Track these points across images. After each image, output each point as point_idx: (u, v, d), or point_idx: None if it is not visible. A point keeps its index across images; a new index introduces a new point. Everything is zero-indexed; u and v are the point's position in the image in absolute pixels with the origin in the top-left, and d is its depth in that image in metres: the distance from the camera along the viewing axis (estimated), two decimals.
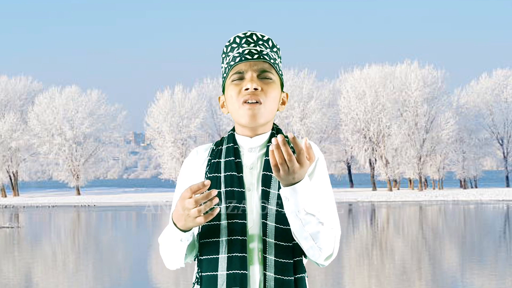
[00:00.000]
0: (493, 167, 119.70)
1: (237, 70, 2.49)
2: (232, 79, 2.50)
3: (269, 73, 2.49)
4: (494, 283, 12.63)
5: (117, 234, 26.64)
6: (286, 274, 2.39)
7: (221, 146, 2.53)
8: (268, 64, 2.50)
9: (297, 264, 2.42)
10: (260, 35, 2.54)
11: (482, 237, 22.19)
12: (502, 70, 73.41)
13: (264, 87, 2.47)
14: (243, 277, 2.37)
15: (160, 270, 15.06)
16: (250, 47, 2.50)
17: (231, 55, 2.52)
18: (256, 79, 2.47)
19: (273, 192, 2.43)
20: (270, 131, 2.53)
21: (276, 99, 2.50)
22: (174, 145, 70.48)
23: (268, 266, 2.38)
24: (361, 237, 22.84)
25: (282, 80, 2.56)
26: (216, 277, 2.39)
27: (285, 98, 2.57)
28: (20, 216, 39.00)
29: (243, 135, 2.52)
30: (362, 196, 55.45)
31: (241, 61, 2.49)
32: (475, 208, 39.41)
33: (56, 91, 73.91)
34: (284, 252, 2.39)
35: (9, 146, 72.10)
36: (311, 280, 13.10)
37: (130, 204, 51.95)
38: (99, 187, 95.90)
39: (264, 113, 2.47)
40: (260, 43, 2.52)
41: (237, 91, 2.48)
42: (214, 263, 2.41)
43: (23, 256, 18.63)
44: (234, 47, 2.52)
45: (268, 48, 2.53)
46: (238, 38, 2.53)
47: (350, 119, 68.26)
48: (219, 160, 2.49)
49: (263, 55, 2.50)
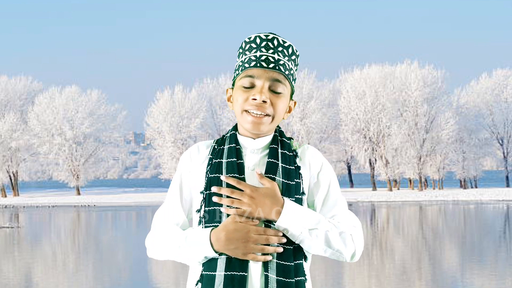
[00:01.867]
0: (493, 167, 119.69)
1: (250, 74, 2.45)
2: (243, 83, 2.46)
3: (281, 84, 2.46)
4: (494, 283, 12.63)
5: (117, 234, 26.63)
6: (288, 276, 2.39)
7: (223, 145, 2.51)
8: (282, 75, 2.46)
9: (297, 267, 2.42)
10: (281, 40, 2.48)
11: (482, 237, 22.18)
12: (502, 70, 73.40)
13: (273, 99, 2.45)
14: (242, 279, 2.37)
15: (160, 270, 15.06)
16: (268, 54, 2.45)
17: (248, 55, 2.48)
18: (267, 90, 2.44)
19: None
20: (273, 133, 2.52)
21: (283, 110, 2.49)
22: (174, 145, 70.48)
23: (269, 268, 2.38)
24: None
25: (293, 90, 2.53)
26: (214, 277, 2.39)
27: (292, 106, 2.56)
28: (20, 216, 38.99)
29: (245, 136, 2.50)
30: (362, 196, 55.44)
31: (255, 67, 2.45)
32: (475, 208, 39.40)
33: (56, 91, 73.90)
34: (285, 255, 2.40)
35: (9, 146, 72.09)
36: (311, 280, 13.10)
37: (130, 204, 51.94)
38: (99, 187, 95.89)
39: (269, 124, 2.46)
40: (280, 49, 2.47)
41: (244, 98, 2.45)
42: (214, 263, 2.40)
43: (23, 256, 18.62)
44: (253, 48, 2.47)
45: (286, 56, 2.48)
46: (259, 39, 2.48)
47: (350, 119, 68.25)
48: (220, 160, 2.47)
49: (279, 65, 2.45)
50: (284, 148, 2.48)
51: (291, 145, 2.52)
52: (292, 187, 2.43)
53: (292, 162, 2.46)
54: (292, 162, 2.46)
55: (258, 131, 2.45)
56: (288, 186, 2.42)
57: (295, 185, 2.43)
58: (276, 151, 2.47)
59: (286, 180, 2.42)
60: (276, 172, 2.43)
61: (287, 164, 2.45)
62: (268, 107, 2.43)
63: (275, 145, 2.48)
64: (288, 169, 2.44)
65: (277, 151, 2.47)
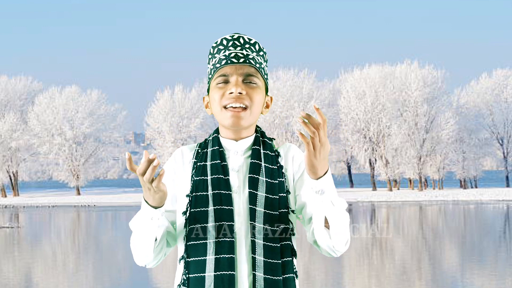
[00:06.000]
0: (493, 167, 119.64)
1: (222, 73, 2.51)
2: (217, 82, 2.52)
3: (254, 77, 2.51)
4: (494, 283, 12.63)
5: (117, 234, 26.63)
6: (275, 274, 2.41)
7: (206, 149, 2.55)
8: (254, 68, 2.51)
9: (285, 265, 2.44)
10: (247, 38, 2.55)
11: (482, 237, 22.18)
12: (502, 70, 73.38)
13: (249, 91, 2.49)
14: (231, 278, 2.39)
15: (160, 270, 15.06)
16: (237, 51, 2.52)
17: (217, 57, 2.54)
18: (241, 83, 2.49)
19: (260, 194, 2.45)
20: (254, 135, 2.56)
21: (260, 103, 2.53)
22: (174, 145, 70.47)
23: (257, 266, 2.40)
24: (361, 237, 22.83)
25: (267, 84, 2.57)
26: (204, 278, 2.40)
27: (269, 102, 2.60)
28: (20, 216, 38.99)
29: (228, 138, 2.54)
30: (362, 196, 55.43)
31: (226, 64, 2.51)
32: (475, 208, 39.40)
33: (56, 91, 73.88)
34: (272, 253, 2.42)
35: (9, 146, 72.08)
36: (311, 280, 13.10)
37: (130, 204, 51.93)
38: (99, 187, 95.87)
39: (248, 117, 2.49)
40: (247, 46, 2.53)
41: (220, 94, 2.50)
42: (201, 264, 2.42)
43: (23, 256, 18.63)
44: (221, 49, 2.54)
45: (254, 52, 2.54)
46: (225, 40, 2.54)
47: (350, 119, 68.25)
48: (205, 163, 2.51)
49: (249, 59, 2.51)
50: (266, 148, 2.53)
51: (273, 145, 2.56)
52: (276, 186, 2.46)
53: (274, 162, 2.51)
54: (275, 161, 2.51)
55: (238, 126, 2.49)
56: (272, 185, 2.46)
57: (278, 184, 2.47)
58: (258, 152, 2.51)
59: (269, 179, 2.46)
60: (260, 172, 2.47)
61: (269, 164, 2.49)
62: (245, 98, 2.48)
63: (257, 146, 2.52)
64: (271, 168, 2.48)
65: (260, 151, 2.51)
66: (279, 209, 2.46)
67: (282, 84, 69.09)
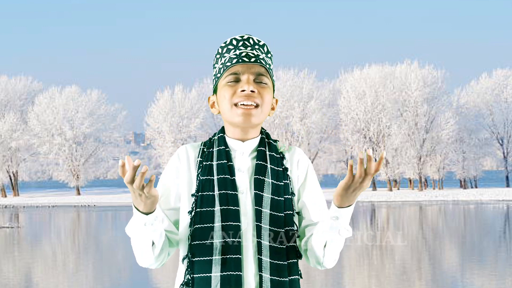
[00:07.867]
0: (493, 167, 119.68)
1: (233, 72, 2.51)
2: (228, 80, 2.52)
3: (264, 77, 2.53)
4: (494, 283, 12.63)
5: (117, 234, 26.63)
6: (282, 276, 2.42)
7: (212, 148, 2.54)
8: (264, 68, 2.53)
9: (290, 266, 2.46)
10: (256, 39, 2.57)
11: (482, 237, 22.18)
12: (502, 70, 73.40)
13: (260, 90, 2.51)
14: (238, 278, 2.39)
15: (160, 270, 15.06)
16: (248, 50, 2.53)
17: (227, 56, 2.54)
18: (252, 82, 2.50)
19: (266, 196, 2.46)
20: (260, 136, 2.57)
21: (269, 103, 2.55)
22: (174, 145, 70.47)
23: (263, 267, 2.40)
24: (361, 237, 22.83)
25: (274, 86, 2.59)
26: (210, 278, 2.40)
27: (275, 104, 2.62)
28: (20, 216, 38.99)
29: (234, 138, 2.54)
30: (362, 196, 55.45)
31: (238, 63, 2.52)
32: (475, 208, 39.40)
33: (56, 91, 73.91)
34: (278, 254, 2.43)
35: (9, 146, 72.10)
36: (311, 280, 13.11)
37: (130, 204, 51.91)
38: (99, 187, 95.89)
39: (259, 114, 2.50)
40: (257, 47, 2.55)
41: (231, 92, 2.50)
42: (207, 264, 2.41)
43: (23, 256, 18.63)
44: (231, 49, 2.55)
45: (263, 53, 2.56)
46: (235, 41, 2.56)
47: (350, 119, 68.27)
48: (211, 163, 2.50)
49: (259, 59, 2.53)
50: (271, 150, 2.54)
51: (278, 147, 2.57)
52: (281, 188, 2.48)
53: (280, 163, 2.52)
54: (280, 163, 2.52)
55: (249, 124, 2.49)
56: (278, 186, 2.47)
57: (283, 186, 2.49)
58: (264, 153, 2.52)
59: (275, 181, 2.48)
60: (266, 174, 2.48)
61: (275, 165, 2.51)
62: (256, 97, 2.49)
63: (262, 147, 2.53)
64: (277, 170, 2.50)
65: (265, 153, 2.52)
66: (285, 210, 2.47)
67: (282, 84, 69.10)
